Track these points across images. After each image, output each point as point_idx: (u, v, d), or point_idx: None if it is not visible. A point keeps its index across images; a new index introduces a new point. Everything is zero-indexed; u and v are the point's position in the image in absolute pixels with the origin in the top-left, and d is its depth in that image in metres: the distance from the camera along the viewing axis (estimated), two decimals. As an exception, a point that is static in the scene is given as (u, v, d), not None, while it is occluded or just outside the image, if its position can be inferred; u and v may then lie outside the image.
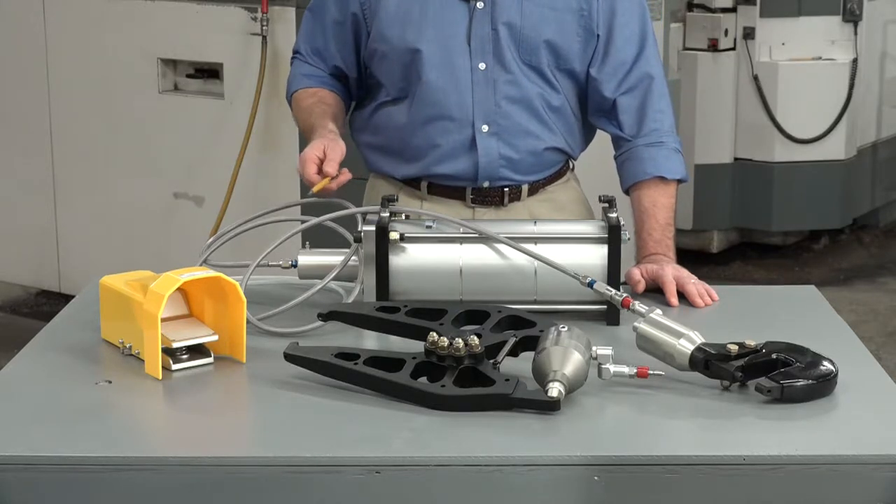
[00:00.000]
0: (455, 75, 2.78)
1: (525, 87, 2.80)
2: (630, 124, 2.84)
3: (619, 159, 2.87)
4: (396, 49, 2.80)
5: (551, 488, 1.93)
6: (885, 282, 6.65)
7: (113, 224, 5.55)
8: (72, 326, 2.50)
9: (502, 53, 2.78)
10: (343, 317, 2.38)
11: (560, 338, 2.13)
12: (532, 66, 2.80)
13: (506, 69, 2.79)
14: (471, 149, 2.81)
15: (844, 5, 6.56)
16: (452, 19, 2.78)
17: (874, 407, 2.13)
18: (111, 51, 5.42)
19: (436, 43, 2.78)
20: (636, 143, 2.83)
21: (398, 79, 2.83)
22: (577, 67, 2.82)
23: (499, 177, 2.83)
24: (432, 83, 2.78)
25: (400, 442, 1.99)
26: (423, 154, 2.83)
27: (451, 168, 2.82)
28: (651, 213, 2.78)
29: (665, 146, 2.83)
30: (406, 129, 2.84)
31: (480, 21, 2.77)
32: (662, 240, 2.76)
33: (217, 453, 1.98)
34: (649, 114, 2.83)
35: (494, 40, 2.77)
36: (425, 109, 2.81)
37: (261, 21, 4.99)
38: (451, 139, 2.81)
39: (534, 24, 2.78)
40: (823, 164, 6.61)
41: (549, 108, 2.83)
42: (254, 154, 5.09)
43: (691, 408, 2.12)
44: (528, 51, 2.79)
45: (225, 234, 2.62)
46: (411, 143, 2.84)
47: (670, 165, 2.82)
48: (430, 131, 2.81)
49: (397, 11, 2.80)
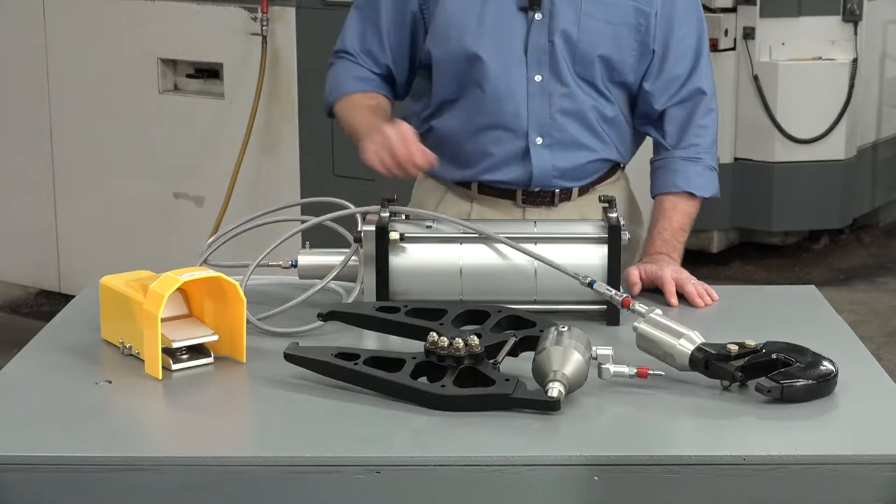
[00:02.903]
0: (511, 86, 2.76)
1: (580, 100, 2.78)
2: (673, 135, 2.84)
3: (655, 165, 2.87)
4: (453, 54, 2.77)
5: (551, 488, 1.93)
6: (885, 282, 6.65)
7: (113, 224, 5.55)
8: (72, 326, 2.50)
9: (558, 66, 2.75)
10: (343, 317, 2.38)
11: (560, 338, 2.12)
12: (586, 79, 2.78)
13: (561, 82, 2.76)
14: (524, 159, 2.79)
15: (844, 5, 6.56)
16: (510, 29, 2.75)
17: (874, 407, 2.13)
18: (111, 51, 5.42)
19: (493, 51, 2.75)
20: (674, 154, 2.84)
21: (452, 83, 2.80)
22: (630, 79, 2.81)
23: (551, 185, 2.82)
24: (488, 92, 2.76)
25: (400, 442, 1.99)
26: (476, 161, 2.82)
27: (504, 176, 2.81)
28: (668, 215, 2.79)
29: (701, 163, 2.83)
30: (460, 136, 2.82)
31: (538, 32, 2.75)
32: (671, 241, 2.77)
33: (217, 453, 1.98)
34: (692, 128, 2.84)
35: (551, 52, 2.75)
36: (480, 117, 2.79)
37: (261, 21, 4.99)
38: (504, 149, 2.79)
39: (590, 38, 2.75)
40: (823, 164, 6.60)
41: (602, 120, 2.82)
42: (254, 154, 5.09)
43: (691, 408, 2.12)
44: (582, 64, 2.77)
45: (225, 234, 2.61)
46: (464, 148, 2.82)
47: (702, 182, 2.83)
48: (483, 139, 2.80)
49: (455, 15, 2.76)
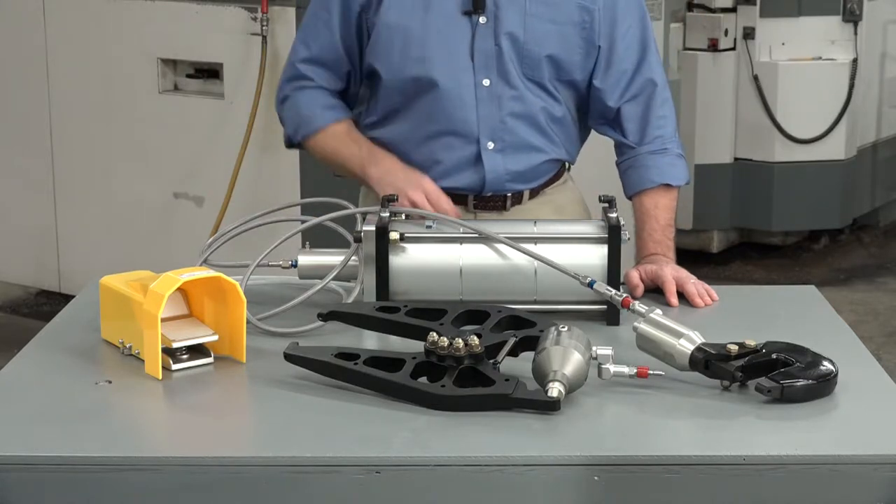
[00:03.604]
0: (459, 92, 2.74)
1: (529, 102, 2.78)
2: (634, 131, 2.83)
3: (623, 166, 2.86)
4: (398, 64, 2.74)
5: (551, 488, 1.93)
6: (885, 282, 6.65)
7: (113, 224, 5.55)
8: (72, 326, 2.50)
9: (506, 69, 2.74)
10: (343, 317, 2.38)
11: (560, 338, 2.12)
12: (534, 80, 2.77)
13: (510, 85, 2.76)
14: (476, 164, 2.78)
15: (844, 5, 6.56)
16: (455, 34, 2.74)
17: (874, 407, 2.13)
18: (111, 51, 5.42)
19: (439, 58, 2.73)
20: (640, 150, 2.82)
21: (398, 93, 2.77)
22: (577, 77, 2.81)
23: (504, 189, 2.82)
24: (436, 99, 2.74)
25: (400, 442, 1.99)
26: (426, 169, 2.78)
27: (456, 182, 2.79)
28: (652, 215, 2.78)
29: (669, 153, 2.82)
30: (408, 144, 2.79)
31: (483, 36, 2.73)
32: (663, 240, 2.76)
33: (217, 453, 1.98)
34: (652, 121, 2.82)
35: (498, 56, 2.74)
36: (429, 125, 2.77)
37: (261, 21, 4.99)
38: (455, 155, 2.78)
39: (536, 38, 2.74)
40: (823, 164, 6.61)
41: (552, 121, 2.81)
42: (254, 154, 5.09)
43: (691, 408, 2.12)
44: (530, 66, 2.76)
45: (225, 234, 2.61)
46: (413, 157, 2.79)
47: (675, 172, 2.82)
48: (433, 147, 2.78)
49: (398, 25, 2.74)
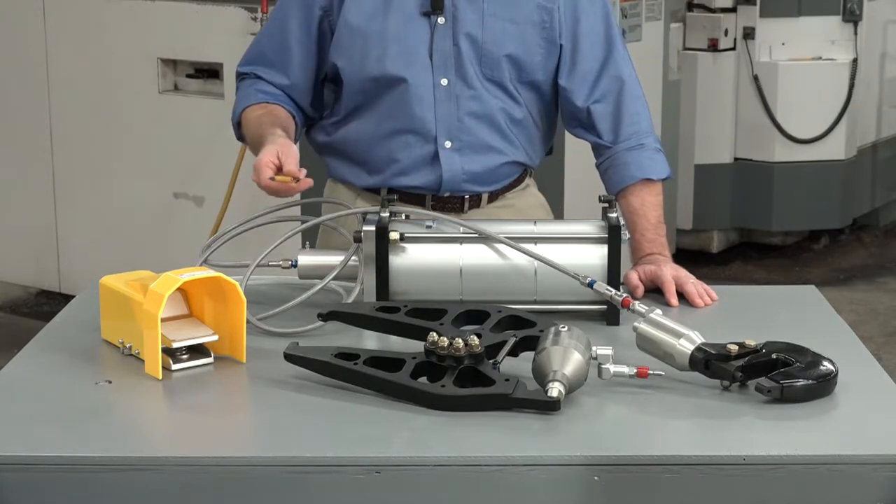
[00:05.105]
0: (418, 90, 2.75)
1: (488, 102, 2.78)
2: (607, 130, 2.82)
3: (602, 167, 2.85)
4: (358, 64, 2.76)
5: (551, 488, 1.93)
6: (885, 282, 6.65)
7: (113, 224, 5.55)
8: (72, 326, 2.50)
9: (464, 69, 2.76)
10: (343, 317, 2.38)
11: (560, 338, 2.12)
12: (494, 80, 2.77)
13: (468, 85, 2.77)
14: (433, 163, 2.79)
15: (844, 5, 6.56)
16: (414, 34, 2.75)
17: (874, 407, 2.13)
18: (111, 51, 5.42)
19: (398, 58, 2.75)
20: (617, 148, 2.81)
21: (358, 93, 2.79)
22: (539, 78, 2.81)
23: (461, 190, 2.82)
24: (395, 98, 2.76)
25: (400, 442, 1.99)
26: (384, 167, 2.80)
27: (413, 181, 2.80)
28: (641, 213, 2.77)
29: (646, 147, 2.81)
30: (368, 142, 2.81)
31: (442, 36, 2.75)
32: (656, 239, 2.75)
33: (217, 453, 1.98)
34: (625, 118, 2.81)
35: (456, 56, 2.75)
36: (388, 123, 2.78)
37: (261, 21, 4.99)
38: (413, 153, 2.79)
39: (495, 38, 2.75)
40: (823, 164, 6.61)
41: (511, 122, 2.81)
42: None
43: (691, 408, 2.12)
44: (489, 66, 2.77)
45: (225, 234, 2.61)
46: (372, 155, 2.81)
47: (655, 166, 2.81)
48: (391, 145, 2.79)
49: (358, 26, 2.76)
